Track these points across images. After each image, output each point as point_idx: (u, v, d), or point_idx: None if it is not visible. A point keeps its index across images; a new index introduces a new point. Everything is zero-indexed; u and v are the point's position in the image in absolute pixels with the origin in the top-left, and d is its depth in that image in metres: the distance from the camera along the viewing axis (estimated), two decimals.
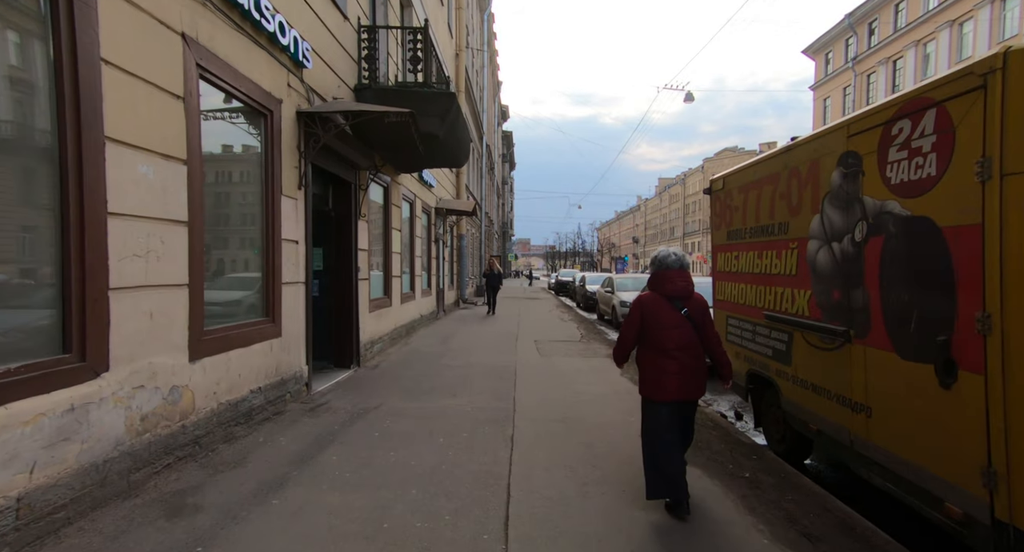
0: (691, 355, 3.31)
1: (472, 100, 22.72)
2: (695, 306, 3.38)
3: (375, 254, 9.16)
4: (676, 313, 3.32)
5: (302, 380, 5.73)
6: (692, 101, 19.48)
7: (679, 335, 3.29)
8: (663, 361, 3.29)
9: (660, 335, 3.30)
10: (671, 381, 3.27)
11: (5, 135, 2.77)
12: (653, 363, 3.34)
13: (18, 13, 2.79)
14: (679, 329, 3.29)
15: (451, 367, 7.91)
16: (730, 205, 5.51)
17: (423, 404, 5.71)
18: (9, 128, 2.79)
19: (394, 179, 9.99)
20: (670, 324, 3.30)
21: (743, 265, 5.17)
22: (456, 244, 19.31)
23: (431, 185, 13.63)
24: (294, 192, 5.56)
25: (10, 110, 2.78)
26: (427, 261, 14.00)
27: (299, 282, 5.70)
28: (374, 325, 8.65)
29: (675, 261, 3.43)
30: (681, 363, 3.27)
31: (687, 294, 3.38)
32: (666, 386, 3.29)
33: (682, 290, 3.37)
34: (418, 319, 12.28)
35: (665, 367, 3.28)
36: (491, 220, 38.60)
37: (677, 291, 3.36)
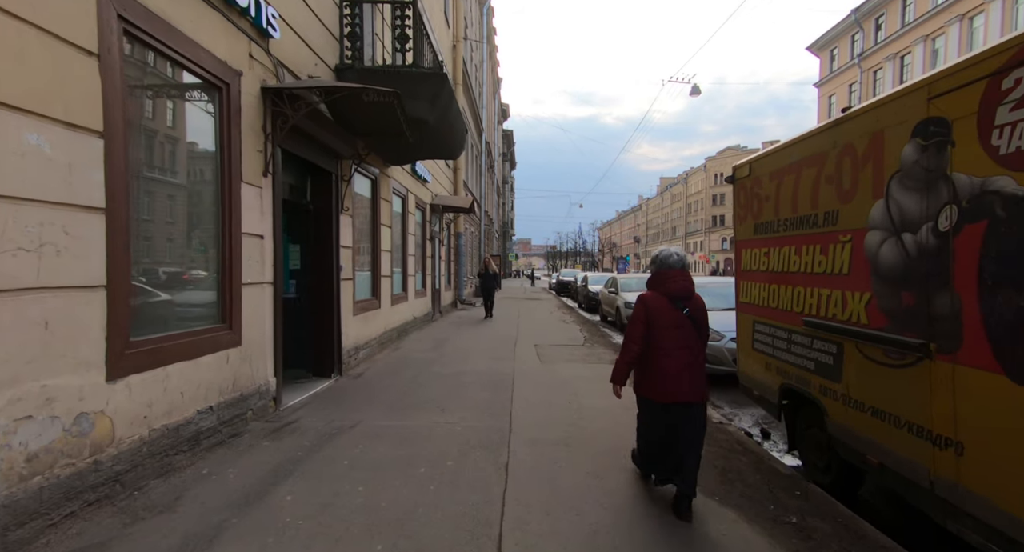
0: (692, 355, 3.29)
1: (471, 95, 22.02)
2: (696, 307, 3.39)
3: (361, 252, 8.45)
4: (678, 313, 3.31)
5: (268, 394, 5.03)
6: (698, 94, 18.76)
7: (680, 335, 3.27)
8: (663, 361, 3.25)
9: (661, 335, 3.28)
10: (671, 382, 3.23)
11: None
12: (653, 363, 3.29)
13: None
14: (681, 329, 3.29)
15: (442, 375, 7.20)
16: (758, 194, 4.79)
17: (407, 421, 5.00)
18: None
19: (383, 171, 9.28)
20: (672, 324, 3.29)
21: (775, 263, 4.46)
22: (453, 243, 18.59)
23: (426, 180, 12.92)
24: (258, 179, 4.85)
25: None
26: (421, 260, 13.28)
27: (264, 283, 4.99)
28: (359, 329, 7.94)
29: (677, 261, 3.43)
30: (682, 363, 3.24)
31: (688, 294, 3.37)
32: (666, 387, 3.25)
33: (683, 290, 3.36)
34: (411, 322, 11.57)
35: (666, 367, 3.24)
36: (491, 219, 37.87)
37: (679, 291, 3.35)
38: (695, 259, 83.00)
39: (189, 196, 4.21)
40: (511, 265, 62.42)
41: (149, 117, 3.73)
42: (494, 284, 15.39)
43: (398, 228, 10.84)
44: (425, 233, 13.48)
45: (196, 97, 4.22)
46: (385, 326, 9.45)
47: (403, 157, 9.35)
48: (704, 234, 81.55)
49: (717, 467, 3.96)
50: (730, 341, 7.37)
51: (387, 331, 9.56)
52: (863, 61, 41.85)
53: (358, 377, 7.03)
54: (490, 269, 15.52)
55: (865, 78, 41.83)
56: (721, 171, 78.27)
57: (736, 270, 5.38)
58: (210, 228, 4.33)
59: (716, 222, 78.89)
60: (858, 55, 42.38)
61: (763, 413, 6.00)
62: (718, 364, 7.37)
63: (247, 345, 4.63)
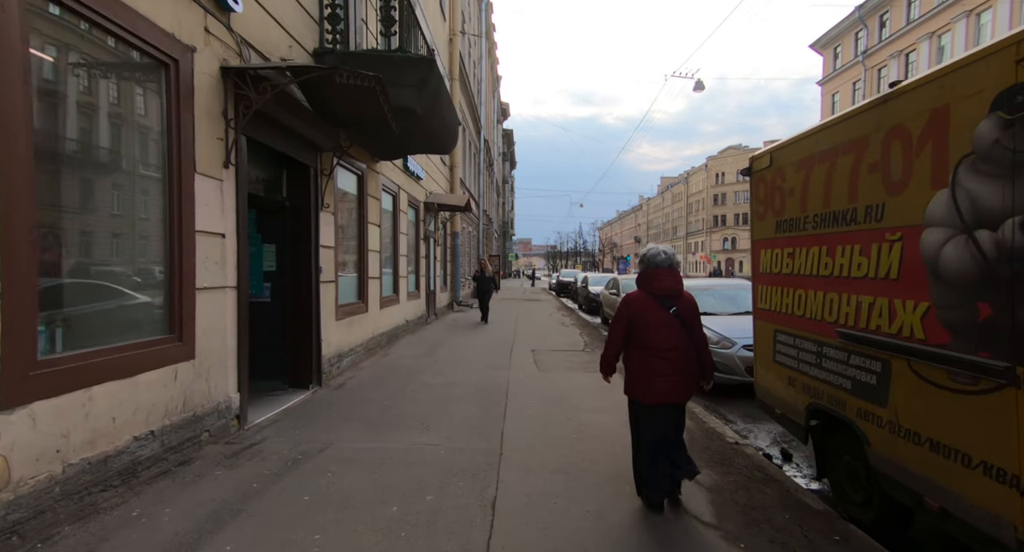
0: (681, 356, 3.25)
1: (468, 91, 21.49)
2: (684, 305, 3.32)
3: (346, 252, 7.91)
4: (665, 312, 3.26)
5: (230, 412, 4.48)
6: (702, 90, 18.22)
7: (668, 335, 3.24)
8: (652, 362, 3.22)
9: (649, 335, 3.25)
10: (660, 383, 3.21)
11: None
12: (641, 364, 3.27)
13: None
14: (668, 329, 3.25)
15: (431, 386, 6.65)
16: (781, 187, 4.25)
17: (385, 442, 4.45)
18: None
19: (371, 167, 8.73)
20: (658, 324, 3.25)
21: (802, 265, 3.91)
22: (450, 242, 18.06)
23: (419, 177, 12.38)
24: (216, 171, 4.30)
25: None
26: (415, 261, 12.75)
27: (226, 287, 4.44)
28: (343, 335, 7.39)
29: (664, 260, 3.36)
30: (671, 364, 3.21)
31: (676, 293, 3.32)
32: (655, 388, 3.22)
33: (671, 289, 3.31)
34: (402, 325, 11.03)
35: (654, 368, 3.21)
36: (489, 218, 37.31)
37: (666, 290, 3.30)
38: (696, 259, 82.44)
39: (129, 187, 3.67)
40: (511, 265, 61.83)
41: (65, 88, 3.17)
42: (490, 287, 14.31)
43: (388, 227, 10.30)
44: (419, 232, 12.94)
45: (136, 74, 3.67)
46: (373, 331, 8.91)
47: (392, 151, 8.80)
48: (705, 234, 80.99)
49: (739, 503, 3.41)
50: (742, 349, 6.82)
51: (375, 336, 9.01)
52: (867, 59, 41.32)
53: (339, 388, 6.48)
54: (486, 271, 14.37)
55: (869, 76, 41.28)
56: (722, 170, 77.74)
57: (753, 272, 4.83)
58: (155, 225, 3.78)
59: (717, 222, 78.32)
60: (862, 53, 41.83)
61: (779, 430, 5.46)
62: (729, 373, 6.83)
63: (203, 358, 4.09)
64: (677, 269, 3.44)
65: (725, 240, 77.28)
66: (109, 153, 3.53)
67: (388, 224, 10.29)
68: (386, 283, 9.99)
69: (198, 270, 4.03)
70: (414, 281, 12.63)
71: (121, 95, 3.62)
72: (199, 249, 4.05)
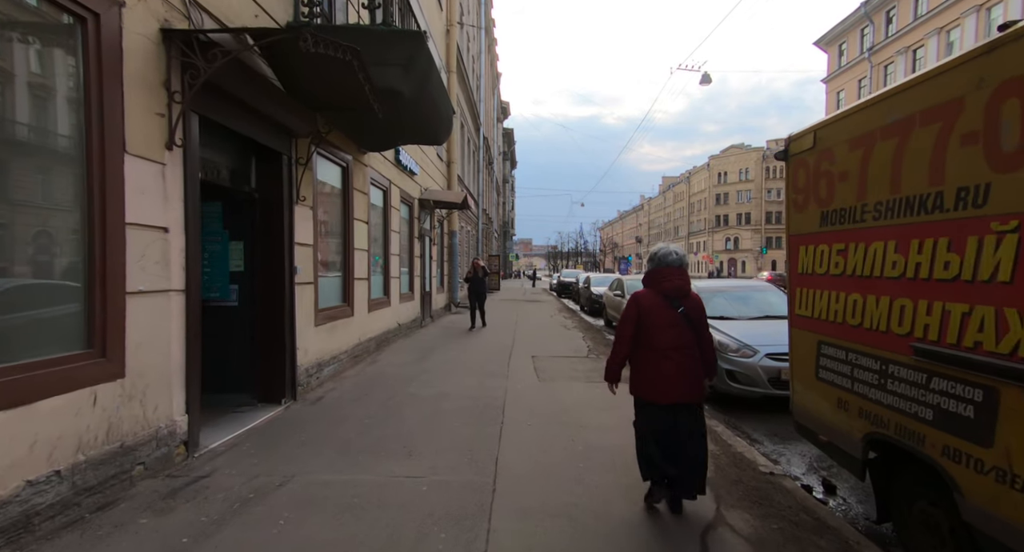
0: (688, 356, 3.23)
1: (467, 85, 20.82)
2: (692, 306, 3.30)
3: (329, 251, 7.22)
4: (673, 312, 3.24)
5: (174, 439, 3.79)
6: (709, 83, 17.54)
7: (676, 335, 3.22)
8: (659, 362, 3.20)
9: (656, 334, 3.22)
10: (667, 383, 3.19)
11: None
12: (648, 363, 3.25)
13: None
14: (676, 329, 3.22)
15: (419, 399, 5.96)
16: (829, 171, 3.56)
17: (358, 474, 3.77)
18: None
19: (357, 158, 8.05)
20: (666, 323, 3.22)
21: (858, 263, 3.22)
22: (447, 242, 17.37)
23: (413, 172, 11.69)
24: (155, 152, 3.61)
25: None
26: (408, 260, 12.06)
27: (171, 290, 3.76)
28: (324, 342, 6.71)
29: (675, 259, 3.34)
30: (677, 364, 3.20)
31: (684, 293, 3.30)
32: (662, 388, 3.20)
33: (680, 289, 3.29)
34: (394, 329, 10.34)
35: (661, 368, 3.20)
36: (489, 218, 36.63)
37: (675, 289, 3.28)
38: (698, 259, 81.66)
39: (34, 169, 2.98)
40: (512, 265, 61.15)
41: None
42: (484, 289, 13.00)
43: (378, 224, 9.61)
44: (413, 231, 12.25)
45: (45, 29, 2.99)
46: (360, 336, 8.22)
47: (380, 142, 8.11)
48: (707, 234, 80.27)
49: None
50: (766, 358, 6.13)
51: (362, 342, 8.33)
52: (873, 55, 40.62)
53: (316, 403, 5.79)
54: (479, 272, 12.85)
55: (875, 73, 40.60)
56: (724, 170, 77.05)
57: (790, 273, 4.13)
58: (69, 216, 3.10)
59: (719, 222, 77.59)
60: (868, 49, 41.13)
61: (815, 453, 4.77)
62: (750, 385, 6.14)
63: (136, 376, 3.40)
64: (686, 269, 3.39)
65: (727, 240, 76.57)
66: (2, 126, 2.84)
67: (378, 221, 9.61)
68: (376, 284, 9.31)
69: (130, 271, 3.35)
70: (407, 282, 11.95)
71: (24, 55, 2.94)
72: (131, 246, 3.36)
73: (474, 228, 26.92)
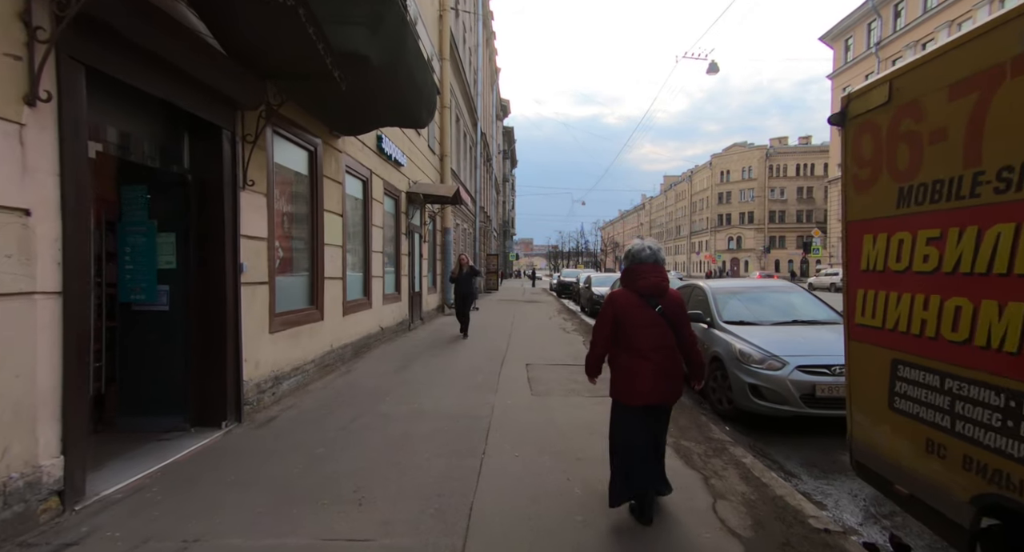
0: (666, 356, 3.11)
1: (463, 77, 19.92)
2: (670, 304, 3.16)
3: (293, 247, 6.32)
4: (650, 311, 3.11)
5: (39, 490, 2.87)
6: (717, 72, 16.59)
7: (653, 335, 3.10)
8: (636, 363, 3.08)
9: (633, 335, 3.10)
10: (644, 384, 3.06)
11: None
12: (626, 365, 3.12)
13: None
14: (653, 328, 3.10)
15: (390, 420, 5.05)
16: (915, 131, 2.63)
17: (283, 536, 2.85)
18: None
19: (329, 142, 7.14)
20: (643, 323, 3.10)
21: (965, 255, 2.31)
22: (440, 239, 16.45)
23: (399, 163, 10.78)
24: (8, 108, 2.70)
25: None
26: (395, 258, 11.15)
27: (34, 293, 2.84)
28: (284, 351, 5.80)
29: (649, 255, 3.18)
30: (655, 364, 3.07)
31: (661, 291, 3.14)
32: (639, 389, 3.07)
33: (656, 287, 3.13)
34: (375, 334, 9.42)
35: (638, 369, 3.07)
36: (488, 216, 35.71)
37: (651, 288, 3.12)
38: (700, 258, 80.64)
39: None
40: (512, 265, 60.21)
41: None
42: (470, 290, 11.07)
43: (357, 218, 8.71)
44: (400, 226, 11.34)
45: None
46: (332, 343, 7.31)
47: (353, 122, 7.19)
48: (710, 233, 79.28)
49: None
50: (796, 371, 5.22)
51: (335, 349, 7.41)
52: (881, 50, 39.71)
53: (266, 424, 4.88)
54: (464, 269, 10.96)
55: (883, 68, 39.63)
56: (727, 168, 76.09)
57: (849, 270, 3.21)
58: None
59: (722, 221, 76.60)
60: (875, 44, 40.21)
61: (869, 492, 3.85)
62: (778, 402, 5.24)
63: None
64: (662, 265, 3.22)
65: (730, 239, 75.58)
66: None
67: (357, 215, 8.70)
68: (353, 284, 8.40)
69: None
70: (393, 282, 11.04)
71: None
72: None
73: (471, 226, 26.00)
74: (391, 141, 10.03)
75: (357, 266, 8.72)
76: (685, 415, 5.35)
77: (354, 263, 8.59)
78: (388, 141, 9.77)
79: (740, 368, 5.58)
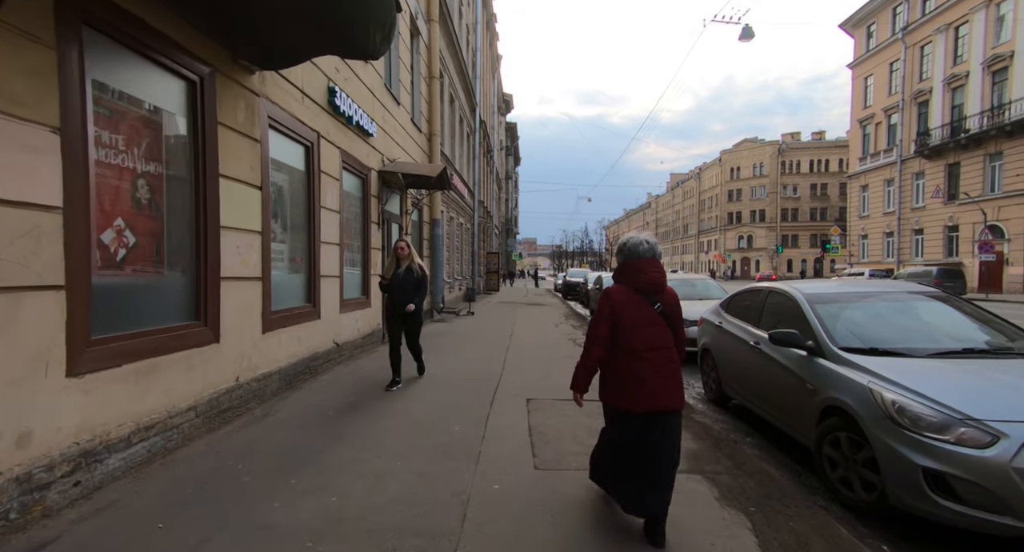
0: (666, 358, 2.86)
1: (457, 49, 17.56)
2: (669, 301, 2.95)
3: (159, 229, 3.96)
4: (650, 309, 2.88)
5: None
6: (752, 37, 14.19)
7: (652, 334, 2.85)
8: (634, 365, 2.82)
9: (633, 335, 2.84)
10: (643, 389, 2.79)
11: None
12: (621, 367, 2.85)
13: None
14: (653, 327, 2.86)
15: (267, 544, 2.68)
16: None
17: None
18: None
19: (234, 77, 4.79)
20: (643, 322, 2.86)
21: None
22: (428, 232, 14.06)
23: (366, 131, 8.40)
24: None
25: None
26: (362, 253, 8.79)
27: None
28: (113, 402, 3.42)
29: (647, 249, 2.96)
30: (655, 367, 2.81)
31: (661, 287, 2.93)
32: (638, 395, 2.79)
33: (656, 282, 2.92)
34: (327, 352, 7.05)
35: (637, 372, 2.80)
36: (488, 211, 33.32)
37: (651, 283, 2.90)
38: (709, 258, 77.91)
39: None
40: (515, 265, 57.75)
41: None
42: (412, 297, 6.09)
43: (296, 195, 6.35)
44: (368, 213, 8.97)
45: None
46: (238, 373, 4.94)
47: (272, 47, 4.81)
48: (719, 232, 76.66)
49: None
50: None
51: (245, 383, 5.04)
52: (908, 35, 37.14)
53: None
54: (400, 266, 6.15)
55: (910, 55, 37.15)
56: (737, 165, 73.44)
57: None
58: None
59: (732, 219, 73.93)
60: (902, 29, 37.63)
61: None
62: (993, 510, 2.83)
63: None
64: (660, 260, 2.98)
65: (740, 238, 72.95)
66: None
67: (296, 191, 6.34)
68: (286, 286, 6.03)
69: None
70: (359, 283, 8.68)
71: None
72: None
73: (468, 220, 23.63)
74: (352, 100, 7.66)
75: (295, 261, 6.35)
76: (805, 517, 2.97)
77: (290, 257, 6.23)
78: (345, 98, 7.39)
79: (899, 436, 3.18)
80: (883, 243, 39.86)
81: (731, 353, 5.65)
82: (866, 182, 41.69)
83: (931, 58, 35.56)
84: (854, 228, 43.52)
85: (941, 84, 34.21)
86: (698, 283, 11.24)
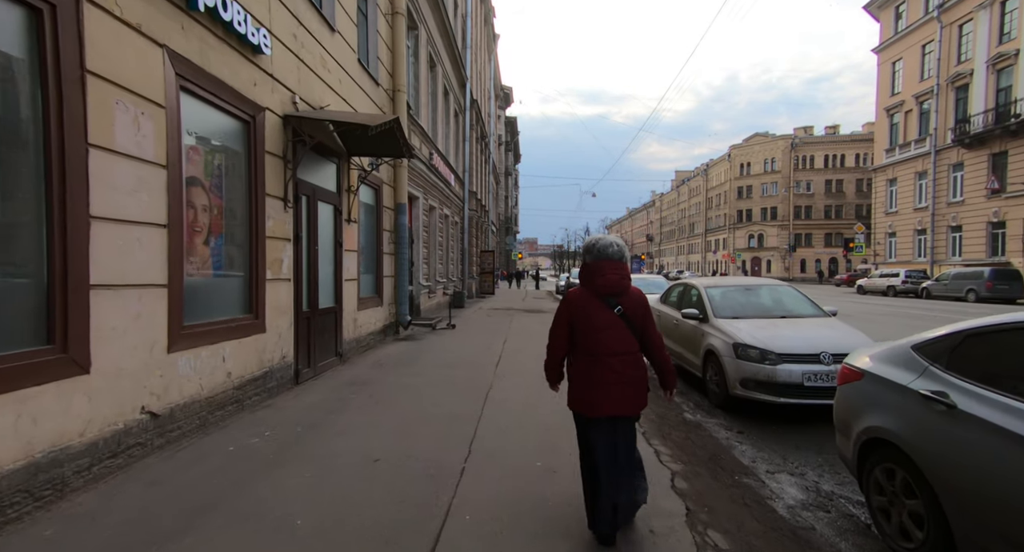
0: (628, 362, 2.79)
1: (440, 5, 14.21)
2: (632, 304, 2.84)
3: None
4: (608, 312, 2.81)
5: None
6: None
7: (613, 338, 2.78)
8: (595, 370, 2.77)
9: (591, 338, 2.80)
10: (604, 393, 2.74)
11: None
12: (584, 372, 2.81)
13: None
14: (611, 331, 2.79)
15: None
16: None
17: None
18: None
19: None
20: (601, 325, 2.79)
21: None
22: (392, 221, 10.65)
23: (251, 44, 5.09)
24: None
25: None
26: (249, 245, 5.46)
27: None
28: None
29: (616, 251, 2.87)
30: (616, 372, 2.75)
31: (622, 290, 2.83)
32: (598, 400, 2.75)
33: (615, 285, 2.81)
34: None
35: (598, 377, 2.75)
36: (483, 206, 29.95)
37: (609, 286, 2.81)
38: (718, 258, 74.37)
39: None
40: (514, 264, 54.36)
41: None
42: None
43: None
44: (257, 180, 5.62)
45: None
46: None
47: None
48: (728, 231, 73.17)
49: None
50: None
51: None
52: (944, 14, 33.75)
53: None
54: None
55: (947, 34, 33.75)
56: (747, 160, 69.89)
57: None
58: None
59: (741, 217, 70.38)
60: (937, 6, 34.23)
61: None
62: None
63: None
64: (626, 263, 2.89)
65: (751, 237, 69.47)
66: None
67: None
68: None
69: None
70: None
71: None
72: None
73: (456, 212, 20.25)
74: None
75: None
76: None
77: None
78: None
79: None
80: (914, 241, 36.43)
81: None
82: (894, 175, 38.32)
83: (972, 37, 32.17)
84: (880, 226, 40.14)
85: (984, 65, 30.78)
86: (785, 296, 7.22)
